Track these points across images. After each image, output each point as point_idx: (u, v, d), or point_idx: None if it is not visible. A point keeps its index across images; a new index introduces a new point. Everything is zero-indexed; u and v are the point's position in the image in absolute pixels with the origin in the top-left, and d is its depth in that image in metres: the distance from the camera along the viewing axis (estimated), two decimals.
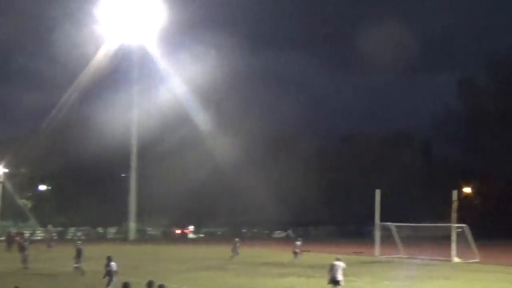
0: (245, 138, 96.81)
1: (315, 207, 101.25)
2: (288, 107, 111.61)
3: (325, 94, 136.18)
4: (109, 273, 28.26)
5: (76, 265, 38.97)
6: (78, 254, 39.45)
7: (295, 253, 49.80)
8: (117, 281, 27.17)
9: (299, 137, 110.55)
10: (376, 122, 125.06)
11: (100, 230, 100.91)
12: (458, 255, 51.72)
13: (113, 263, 28.60)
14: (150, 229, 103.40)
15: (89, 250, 44.52)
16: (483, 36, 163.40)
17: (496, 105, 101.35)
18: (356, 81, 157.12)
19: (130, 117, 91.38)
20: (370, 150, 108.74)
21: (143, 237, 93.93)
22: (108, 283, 28.13)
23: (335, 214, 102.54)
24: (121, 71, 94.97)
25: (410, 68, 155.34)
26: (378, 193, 57.98)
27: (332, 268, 28.44)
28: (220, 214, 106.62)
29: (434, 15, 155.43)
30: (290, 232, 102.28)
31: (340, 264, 28.43)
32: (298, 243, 50.75)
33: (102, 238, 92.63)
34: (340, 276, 28.18)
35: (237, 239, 53.23)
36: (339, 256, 29.42)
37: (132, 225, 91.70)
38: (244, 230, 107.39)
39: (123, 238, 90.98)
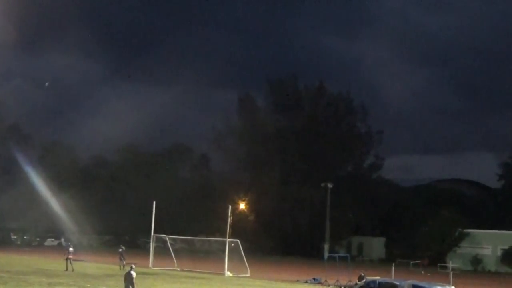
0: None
1: (90, 216, 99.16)
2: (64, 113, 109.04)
3: (108, 104, 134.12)
4: None
5: None
6: None
7: (67, 260, 48.97)
8: None
9: (74, 146, 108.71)
10: (155, 134, 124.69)
11: None
12: (230, 269, 52.77)
13: None
14: None
15: None
16: (263, 57, 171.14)
17: (272, 123, 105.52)
18: (137, 92, 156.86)
19: None
20: (148, 161, 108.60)
21: None
22: None
23: (111, 224, 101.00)
24: None
25: (192, 83, 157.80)
26: (154, 204, 57.90)
27: (127, 277, 28.85)
28: None
29: (221, 32, 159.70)
30: (63, 240, 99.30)
31: (132, 274, 28.94)
32: (71, 249, 50.11)
33: None
34: (131, 286, 28.71)
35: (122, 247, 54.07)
36: (133, 265, 29.64)
37: None
38: (14, 237, 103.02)
39: None
